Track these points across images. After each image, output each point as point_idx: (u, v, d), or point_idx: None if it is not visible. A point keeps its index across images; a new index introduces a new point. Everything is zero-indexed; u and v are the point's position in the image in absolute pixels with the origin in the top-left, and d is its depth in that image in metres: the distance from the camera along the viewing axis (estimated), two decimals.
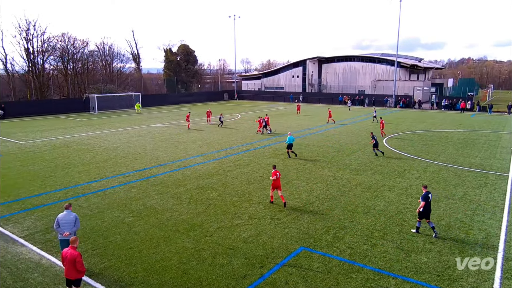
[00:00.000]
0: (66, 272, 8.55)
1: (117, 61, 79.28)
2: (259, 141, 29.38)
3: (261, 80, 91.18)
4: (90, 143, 29.07)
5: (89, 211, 14.57)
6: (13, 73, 62.54)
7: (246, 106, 63.11)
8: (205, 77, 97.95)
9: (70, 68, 67.80)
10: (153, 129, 36.50)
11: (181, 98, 70.29)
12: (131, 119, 44.76)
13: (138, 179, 18.91)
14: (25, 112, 48.69)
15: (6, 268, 10.37)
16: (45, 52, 63.31)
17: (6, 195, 16.44)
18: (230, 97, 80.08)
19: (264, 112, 53.47)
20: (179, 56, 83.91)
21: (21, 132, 35.00)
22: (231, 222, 13.41)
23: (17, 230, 12.77)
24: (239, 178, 19.01)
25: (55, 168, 21.23)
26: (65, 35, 66.45)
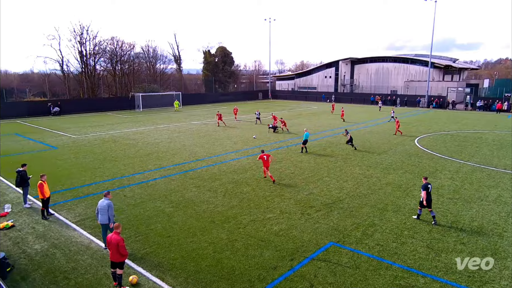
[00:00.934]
0: (111, 255, 8.95)
1: (160, 62, 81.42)
2: (291, 139, 29.23)
3: (294, 80, 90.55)
4: (134, 138, 30.11)
5: (133, 200, 15.12)
6: (68, 74, 65.82)
7: (280, 105, 62.93)
8: (241, 77, 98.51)
9: (118, 69, 70.41)
10: (192, 126, 37.24)
11: (218, 97, 71.16)
12: (172, 117, 45.88)
13: (177, 173, 19.38)
14: (78, 109, 51.12)
15: (60, 249, 10.99)
16: (96, 55, 66.14)
17: (61, 184, 17.39)
18: (264, 96, 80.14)
19: (297, 111, 53.10)
20: (217, 57, 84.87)
21: (74, 127, 36.83)
22: (263, 216, 13.46)
23: (70, 216, 13.48)
24: (271, 174, 19.00)
25: (104, 160, 22.17)
26: (114, 39, 69.22)
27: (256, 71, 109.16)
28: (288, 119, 42.90)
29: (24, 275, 9.63)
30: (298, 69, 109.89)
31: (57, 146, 26.98)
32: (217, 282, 9.28)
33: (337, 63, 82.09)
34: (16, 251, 10.91)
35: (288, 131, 33.23)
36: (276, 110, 54.35)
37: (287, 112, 51.15)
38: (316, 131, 33.39)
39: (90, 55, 65.15)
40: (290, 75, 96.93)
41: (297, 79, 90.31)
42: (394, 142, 28.14)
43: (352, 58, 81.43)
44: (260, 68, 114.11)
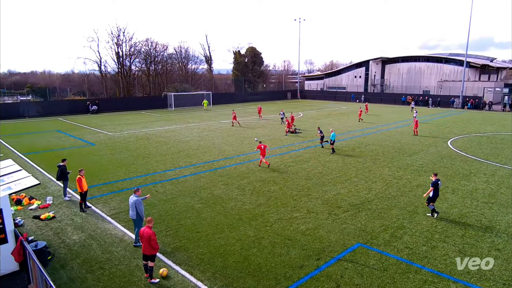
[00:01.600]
0: (143, 248, 9.22)
1: (192, 63, 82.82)
2: (317, 139, 28.89)
3: (323, 80, 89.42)
4: (166, 136, 30.83)
5: (164, 196, 15.49)
6: (105, 74, 68.31)
7: (308, 105, 62.37)
8: (270, 77, 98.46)
9: (152, 69, 72.29)
10: (222, 125, 37.63)
11: (248, 96, 71.50)
12: (202, 116, 46.59)
13: (207, 170, 19.66)
14: (114, 107, 52.94)
15: (96, 240, 11.45)
16: (131, 55, 68.23)
17: (98, 178, 18.09)
18: (293, 96, 79.70)
19: (325, 111, 52.43)
20: (247, 57, 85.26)
21: (110, 125, 38.20)
22: (290, 215, 13.40)
23: (106, 209, 14.00)
24: (299, 173, 18.90)
25: (137, 157, 22.86)
26: (148, 40, 71.00)
27: (285, 71, 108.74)
28: (317, 118, 42.47)
29: (63, 264, 10.10)
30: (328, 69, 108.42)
31: (95, 142, 28.09)
32: (244, 278, 9.34)
33: (367, 63, 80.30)
34: (56, 241, 11.47)
35: (295, 132, 31.66)
36: (304, 110, 53.91)
37: (316, 112, 50.63)
38: (345, 131, 32.83)
39: (126, 56, 67.30)
40: (319, 75, 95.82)
41: (326, 79, 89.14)
42: (426, 143, 27.19)
43: (383, 58, 79.37)
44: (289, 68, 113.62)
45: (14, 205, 14.25)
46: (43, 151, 24.85)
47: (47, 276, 7.22)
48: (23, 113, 45.44)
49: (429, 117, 44.73)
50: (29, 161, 21.90)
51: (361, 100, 68.56)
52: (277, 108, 55.65)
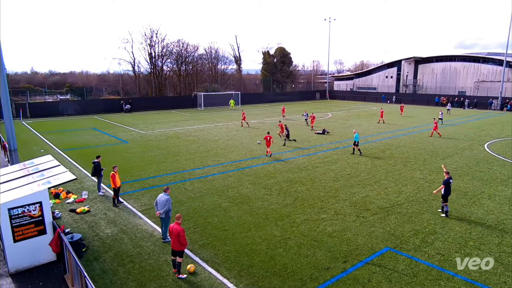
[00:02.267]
0: (172, 244, 9.43)
1: (221, 63, 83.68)
2: (348, 140, 28.39)
3: (353, 80, 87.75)
4: (196, 135, 31.34)
5: (193, 194, 15.75)
6: (139, 74, 70.37)
7: (337, 106, 61.42)
8: (298, 78, 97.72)
9: (182, 70, 73.70)
10: (250, 124, 37.76)
11: (276, 97, 71.39)
12: (231, 115, 46.99)
13: (234, 169, 19.81)
14: (146, 106, 54.44)
15: (127, 235, 11.82)
16: (163, 56, 69.86)
17: (130, 175, 18.67)
18: (322, 96, 78.77)
19: (355, 112, 51.45)
20: (276, 58, 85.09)
21: (143, 123, 39.31)
22: (317, 216, 13.26)
23: (137, 205, 14.43)
24: (327, 175, 18.67)
25: (167, 155, 23.39)
26: (180, 41, 72.39)
27: (314, 71, 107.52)
28: (346, 119, 41.77)
29: (97, 256, 10.51)
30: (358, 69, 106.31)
31: (128, 140, 29.01)
32: (269, 278, 9.33)
33: (399, 63, 78.01)
34: (91, 234, 11.95)
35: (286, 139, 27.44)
36: (333, 110, 53.15)
37: (345, 113, 49.79)
38: (375, 133, 32.07)
39: (158, 57, 68.99)
40: (349, 75, 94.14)
41: (356, 79, 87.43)
42: (461, 146, 26.07)
43: (416, 58, 76.84)
44: (318, 68, 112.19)
45: (52, 198, 14.97)
46: (80, 148, 25.96)
47: (82, 267, 7.54)
48: (62, 111, 47.65)
49: (464, 119, 42.85)
50: (67, 157, 22.94)
51: (392, 101, 66.73)
52: (305, 108, 55.22)
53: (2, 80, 14.20)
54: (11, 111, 14.90)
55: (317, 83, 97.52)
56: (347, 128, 34.36)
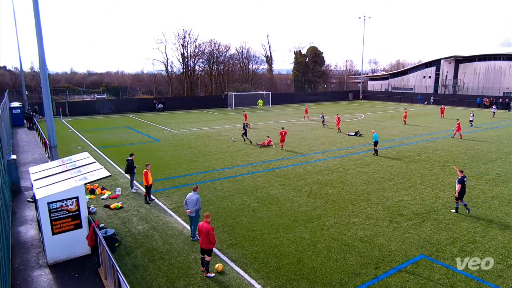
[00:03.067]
0: (201, 242, 9.59)
1: (253, 63, 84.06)
2: (382, 142, 27.67)
3: (388, 80, 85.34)
4: (226, 134, 31.68)
5: (222, 193, 15.93)
6: (171, 74, 72.16)
7: (371, 106, 59.94)
8: (331, 77, 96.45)
9: (214, 70, 74.80)
10: (280, 125, 37.66)
11: (307, 97, 70.76)
12: (261, 115, 47.10)
13: (264, 170, 19.84)
14: (178, 106, 55.67)
15: (158, 232, 12.14)
16: (195, 56, 71.25)
17: (162, 173, 19.17)
18: (355, 97, 77.20)
19: (389, 113, 50.01)
20: (308, 57, 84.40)
21: (174, 122, 40.24)
22: (348, 219, 13.02)
23: (168, 203, 14.79)
24: (358, 177, 18.29)
25: (198, 154, 23.80)
26: (212, 41, 73.52)
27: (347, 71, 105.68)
28: (379, 121, 40.71)
29: (129, 251, 10.88)
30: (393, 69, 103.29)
31: (160, 139, 29.81)
32: (297, 281, 9.27)
33: (438, 62, 75.00)
34: (123, 230, 12.38)
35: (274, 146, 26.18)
36: (366, 111, 51.97)
37: (378, 114, 48.53)
38: (411, 135, 31.04)
39: (190, 57, 70.44)
40: (383, 75, 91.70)
41: (391, 79, 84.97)
42: (505, 151, 24.68)
43: (456, 56, 73.56)
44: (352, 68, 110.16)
45: (88, 194, 15.66)
46: (114, 146, 26.97)
47: (114, 261, 7.83)
48: (99, 110, 49.72)
49: (509, 122, 40.50)
50: (102, 154, 23.91)
51: (430, 102, 64.31)
52: (337, 109, 54.37)
53: (44, 81, 15.02)
54: (52, 109, 15.74)
55: (350, 83, 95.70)
56: (381, 130, 33.47)
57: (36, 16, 14.31)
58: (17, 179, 16.94)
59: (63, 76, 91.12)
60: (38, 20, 14.36)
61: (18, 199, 15.64)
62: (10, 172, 16.45)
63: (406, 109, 42.24)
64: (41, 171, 11.99)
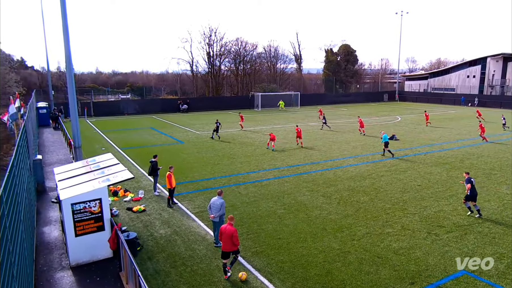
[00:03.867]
0: (224, 245, 9.71)
1: (281, 62, 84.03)
2: (420, 147, 26.88)
3: (427, 80, 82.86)
4: (252, 137, 31.80)
5: (247, 198, 15.98)
6: (196, 74, 73.33)
7: (407, 108, 58.39)
8: (364, 77, 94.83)
9: (240, 69, 75.37)
10: (309, 127, 37.43)
11: (338, 98, 69.91)
12: (289, 117, 46.96)
13: (291, 174, 19.74)
14: (203, 107, 56.49)
15: (180, 237, 12.33)
16: (222, 55, 72.06)
17: (185, 176, 19.48)
18: (390, 98, 75.44)
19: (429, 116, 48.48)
20: (340, 56, 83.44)
21: (199, 124, 40.83)
22: (381, 230, 12.71)
23: (191, 207, 15.00)
24: (393, 185, 17.84)
25: (222, 157, 24.01)
26: (238, 40, 74.16)
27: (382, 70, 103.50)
28: (417, 124, 39.60)
29: (150, 256, 11.11)
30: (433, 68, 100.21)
31: (183, 140, 30.32)
32: None
33: (484, 60, 72.07)
34: (145, 233, 12.66)
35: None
36: (403, 113, 50.68)
37: (416, 116, 47.17)
38: (453, 140, 29.96)
39: (216, 56, 71.32)
40: (422, 74, 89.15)
41: (431, 79, 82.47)
42: None
43: (505, 54, 70.38)
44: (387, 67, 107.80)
45: (111, 196, 16.14)
46: (138, 147, 27.69)
47: (136, 266, 8.01)
48: (123, 110, 51.29)
49: None
50: (125, 155, 24.60)
51: (474, 104, 61.90)
52: (371, 111, 53.40)
53: (70, 81, 15.67)
54: (77, 110, 16.38)
55: (385, 83, 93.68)
56: (419, 134, 32.52)
57: (63, 16, 14.96)
58: (42, 179, 17.73)
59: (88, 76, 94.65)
60: (65, 19, 15.02)
61: (43, 199, 16.36)
62: (35, 172, 17.25)
63: (426, 111, 41.76)
64: (65, 172, 12.48)
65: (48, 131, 37.16)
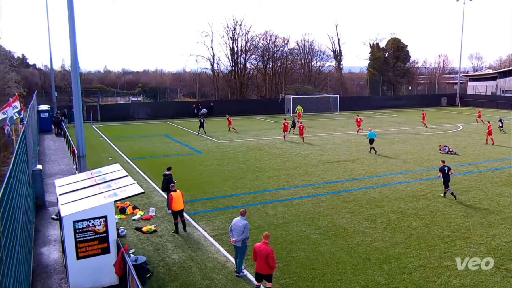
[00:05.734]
0: (258, 267, 9.83)
1: (317, 59, 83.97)
2: (486, 162, 26.03)
3: (496, 81, 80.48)
4: (281, 147, 31.79)
5: (275, 220, 15.93)
6: (218, 73, 74.46)
7: (472, 115, 56.72)
8: (418, 77, 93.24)
9: (269, 68, 75.86)
10: (350, 136, 37.08)
11: (386, 102, 68.96)
12: (326, 124, 46.73)
13: (328, 192, 19.55)
14: (225, 111, 56.86)
15: (196, 263, 12.42)
16: (247, 52, 72.92)
17: (203, 192, 19.67)
18: (450, 102, 73.70)
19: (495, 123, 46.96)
20: (388, 52, 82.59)
21: (220, 131, 41.27)
22: (438, 262, 12.35)
23: (209, 228, 15.10)
24: (453, 207, 17.34)
25: (247, 170, 24.11)
26: (267, 33, 74.81)
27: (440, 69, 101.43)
28: (483, 133, 38.36)
29: (161, 284, 11.23)
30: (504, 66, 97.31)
31: (202, 150, 30.70)
32: None
33: None
34: (156, 258, 12.83)
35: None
36: (465, 121, 49.30)
37: (481, 125, 45.74)
38: None
39: (241, 52, 72.22)
40: (490, 73, 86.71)
41: (500, 79, 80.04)
42: None
43: None
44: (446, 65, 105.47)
45: (118, 213, 16.48)
46: (149, 157, 28.25)
47: None
48: (133, 114, 52.69)
49: None
50: (135, 166, 25.15)
51: None
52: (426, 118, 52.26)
53: (75, 81, 16.26)
54: (82, 114, 16.94)
55: (444, 84, 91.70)
56: (485, 147, 31.51)
57: (69, 7, 15.62)
58: (41, 192, 18.37)
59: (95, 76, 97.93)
60: (72, 11, 15.67)
61: (42, 215, 16.93)
62: (34, 184, 17.90)
63: (423, 110, 43.29)
64: (67, 184, 12.89)
65: (49, 138, 38.59)
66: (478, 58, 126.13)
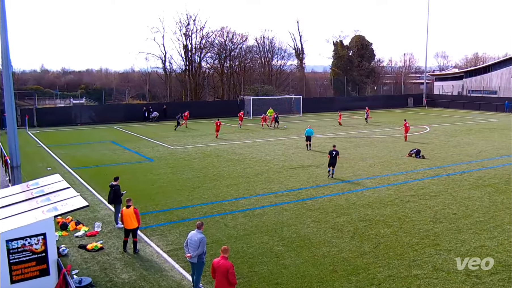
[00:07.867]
0: (217, 283, 9.71)
1: (278, 57, 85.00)
2: (454, 165, 27.14)
3: (462, 80, 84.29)
4: (241, 153, 31.83)
5: (235, 232, 15.89)
6: (170, 73, 73.69)
7: (438, 116, 59.17)
8: (383, 77, 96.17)
9: (226, 67, 75.95)
10: (314, 140, 37.59)
11: (351, 103, 70.61)
12: (288, 128, 47.17)
13: (291, 201, 19.73)
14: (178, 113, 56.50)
15: (149, 283, 12.17)
16: (202, 49, 72.69)
17: (155, 203, 19.35)
18: (417, 103, 76.47)
19: (465, 125, 49.18)
20: (352, 50, 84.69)
21: (173, 136, 40.85)
22: (408, 271, 12.72)
23: (162, 244, 14.86)
24: (422, 213, 17.93)
25: (204, 178, 23.96)
26: (224, 30, 74.94)
27: (406, 68, 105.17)
28: (451, 135, 40.09)
29: None
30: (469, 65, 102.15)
31: (153, 158, 30.23)
32: None
33: None
34: (103, 278, 12.47)
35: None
36: (432, 122, 51.28)
37: (449, 126, 47.79)
38: (496, 155, 30.33)
39: (195, 50, 71.90)
40: (456, 73, 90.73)
41: (466, 78, 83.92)
42: None
43: None
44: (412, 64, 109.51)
45: (58, 229, 15.91)
46: (94, 166, 27.52)
47: None
48: (75, 119, 51.23)
49: None
50: (77, 177, 24.41)
51: None
52: (392, 119, 53.89)
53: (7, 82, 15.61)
54: (16, 118, 16.29)
55: (410, 84, 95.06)
56: (454, 148, 32.87)
57: None
58: None
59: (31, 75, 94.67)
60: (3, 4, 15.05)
61: None
62: None
63: (406, 120, 39.31)
64: None
65: None
66: (444, 57, 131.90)
